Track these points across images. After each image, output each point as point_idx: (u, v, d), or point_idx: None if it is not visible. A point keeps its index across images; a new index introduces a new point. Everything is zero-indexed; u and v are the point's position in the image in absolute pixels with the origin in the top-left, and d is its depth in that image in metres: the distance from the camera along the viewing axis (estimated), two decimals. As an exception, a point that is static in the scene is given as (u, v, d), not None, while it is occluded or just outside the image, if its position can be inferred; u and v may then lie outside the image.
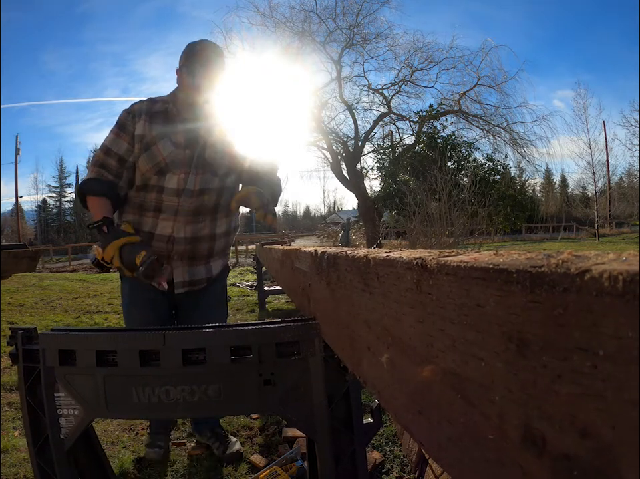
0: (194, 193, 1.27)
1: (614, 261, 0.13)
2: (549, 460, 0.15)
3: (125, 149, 1.26)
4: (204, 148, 1.28)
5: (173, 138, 1.26)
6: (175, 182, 1.25)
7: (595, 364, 0.13)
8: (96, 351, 0.63)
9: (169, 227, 1.27)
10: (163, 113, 1.28)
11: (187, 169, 1.26)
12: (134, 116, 1.27)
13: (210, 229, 1.32)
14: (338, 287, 0.41)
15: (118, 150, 1.27)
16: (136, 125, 1.26)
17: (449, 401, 0.20)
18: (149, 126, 1.26)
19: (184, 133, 1.27)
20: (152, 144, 1.25)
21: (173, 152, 1.25)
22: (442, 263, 0.19)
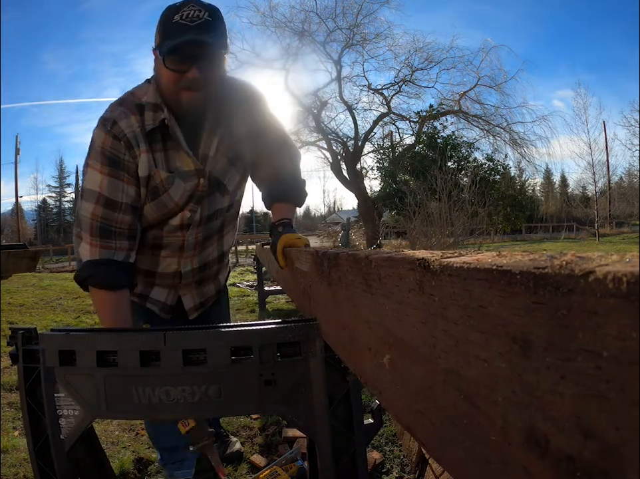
0: (202, 221, 0.99)
1: (617, 263, 0.13)
2: (553, 461, 0.15)
3: (134, 194, 0.89)
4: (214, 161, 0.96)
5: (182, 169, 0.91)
6: (179, 218, 0.96)
7: (598, 366, 0.13)
8: (97, 351, 0.63)
9: (175, 263, 1.02)
10: (160, 130, 0.89)
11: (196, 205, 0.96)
12: (129, 145, 0.87)
13: (218, 250, 1.10)
14: (339, 288, 0.41)
15: (123, 197, 0.87)
16: (137, 160, 0.88)
17: (452, 402, 0.20)
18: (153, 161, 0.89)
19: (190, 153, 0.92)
20: (163, 190, 0.91)
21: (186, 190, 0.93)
22: (444, 264, 0.19)
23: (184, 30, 0.79)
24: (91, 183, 0.87)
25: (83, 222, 0.87)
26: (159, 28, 0.84)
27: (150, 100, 0.89)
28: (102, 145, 0.87)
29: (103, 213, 0.86)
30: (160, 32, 0.84)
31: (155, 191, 0.92)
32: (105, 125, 0.88)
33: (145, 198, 0.92)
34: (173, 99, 0.87)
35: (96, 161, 0.87)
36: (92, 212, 0.86)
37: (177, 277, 1.05)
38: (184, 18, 0.79)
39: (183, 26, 0.79)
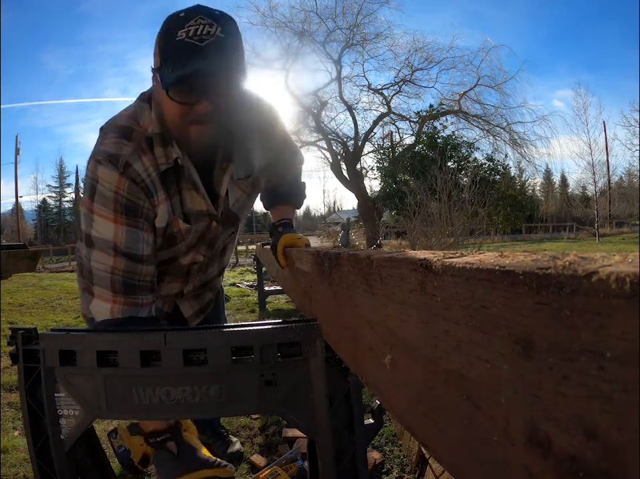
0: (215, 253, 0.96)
1: (620, 263, 0.13)
2: (555, 461, 0.15)
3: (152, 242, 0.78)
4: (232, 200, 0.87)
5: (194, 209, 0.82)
6: (190, 259, 0.90)
7: (601, 366, 0.13)
8: (97, 351, 0.63)
9: (177, 287, 0.97)
10: (173, 171, 0.77)
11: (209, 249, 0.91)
12: (148, 192, 0.75)
13: (219, 266, 1.05)
14: (340, 288, 0.41)
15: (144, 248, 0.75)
16: (156, 210, 0.77)
17: (454, 403, 0.20)
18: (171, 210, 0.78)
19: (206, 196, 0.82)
20: (180, 239, 0.83)
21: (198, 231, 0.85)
22: (447, 265, 0.19)
23: (192, 54, 0.63)
24: (103, 233, 0.72)
25: (98, 276, 0.73)
26: (160, 45, 0.67)
27: (156, 130, 0.75)
28: (116, 189, 0.71)
29: (126, 267, 0.73)
30: (161, 53, 0.66)
31: (171, 240, 0.82)
32: (115, 164, 0.72)
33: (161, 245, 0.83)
34: (179, 132, 0.73)
35: (106, 208, 0.72)
36: (113, 266, 0.72)
37: (179, 295, 1.02)
38: (191, 36, 0.63)
39: (191, 48, 0.63)
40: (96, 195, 0.73)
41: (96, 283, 0.74)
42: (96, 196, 0.73)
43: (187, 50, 0.63)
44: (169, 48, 0.65)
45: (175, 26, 0.65)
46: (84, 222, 0.75)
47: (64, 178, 37.98)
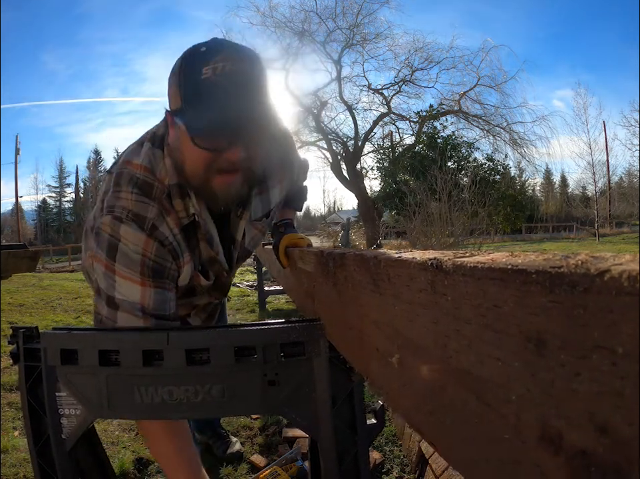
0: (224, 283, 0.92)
1: (631, 262, 0.13)
2: (566, 457, 0.15)
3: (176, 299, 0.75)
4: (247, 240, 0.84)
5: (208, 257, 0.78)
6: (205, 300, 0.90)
7: (613, 362, 0.13)
8: (99, 350, 0.63)
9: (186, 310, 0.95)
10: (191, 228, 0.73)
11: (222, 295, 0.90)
12: (174, 254, 0.71)
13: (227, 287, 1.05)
14: (345, 288, 0.41)
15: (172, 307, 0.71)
16: (181, 271, 0.73)
17: (463, 402, 0.20)
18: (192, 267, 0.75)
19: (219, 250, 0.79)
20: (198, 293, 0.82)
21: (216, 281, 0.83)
22: (458, 264, 0.19)
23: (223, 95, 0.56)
24: (129, 295, 0.67)
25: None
26: (180, 84, 0.59)
27: (173, 181, 0.69)
28: (144, 252, 0.66)
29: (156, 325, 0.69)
30: (184, 92, 0.59)
31: (190, 291, 0.80)
32: (139, 224, 0.66)
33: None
34: (200, 184, 0.66)
35: (131, 270, 0.66)
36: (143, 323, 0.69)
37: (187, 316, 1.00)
38: (219, 73, 0.56)
39: (221, 88, 0.56)
40: (118, 255, 0.66)
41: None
42: (118, 256, 0.66)
43: (216, 90, 0.57)
44: (194, 88, 0.58)
45: (198, 64, 0.58)
46: (104, 281, 0.68)
47: (64, 178, 37.97)
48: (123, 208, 0.68)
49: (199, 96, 0.58)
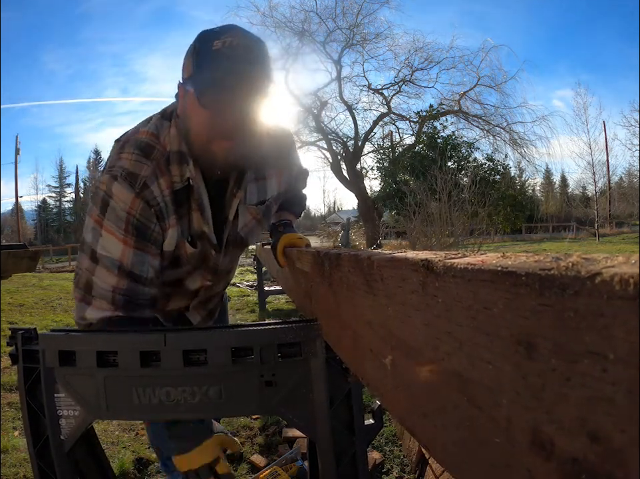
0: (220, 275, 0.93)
1: (624, 264, 0.13)
2: (558, 463, 0.15)
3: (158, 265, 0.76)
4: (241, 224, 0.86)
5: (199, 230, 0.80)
6: (198, 284, 0.89)
7: (604, 368, 0.13)
8: (97, 352, 0.63)
9: (184, 302, 0.97)
10: (184, 192, 0.76)
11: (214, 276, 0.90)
12: (160, 216, 0.73)
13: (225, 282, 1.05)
14: (340, 288, 0.41)
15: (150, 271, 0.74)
16: (165, 234, 0.75)
17: (455, 404, 0.20)
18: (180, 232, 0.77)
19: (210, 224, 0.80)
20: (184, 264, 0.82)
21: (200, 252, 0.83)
22: (448, 265, 0.19)
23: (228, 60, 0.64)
24: (109, 251, 0.71)
25: (98, 291, 0.72)
26: (192, 57, 0.68)
27: (174, 148, 0.74)
28: (129, 209, 0.70)
29: (128, 287, 0.71)
30: (196, 61, 0.67)
31: (176, 261, 0.81)
32: (131, 183, 0.70)
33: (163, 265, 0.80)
34: (202, 148, 0.71)
35: (116, 226, 0.70)
36: (115, 285, 0.71)
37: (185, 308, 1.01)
38: (227, 45, 0.64)
39: (227, 55, 0.64)
40: (108, 211, 0.71)
41: (96, 295, 0.73)
42: (108, 212, 0.71)
43: (223, 57, 0.64)
44: (205, 56, 0.66)
45: (209, 38, 0.66)
46: (90, 235, 0.72)
47: (64, 178, 38.03)
48: (121, 167, 0.72)
49: (208, 63, 0.65)
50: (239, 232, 0.87)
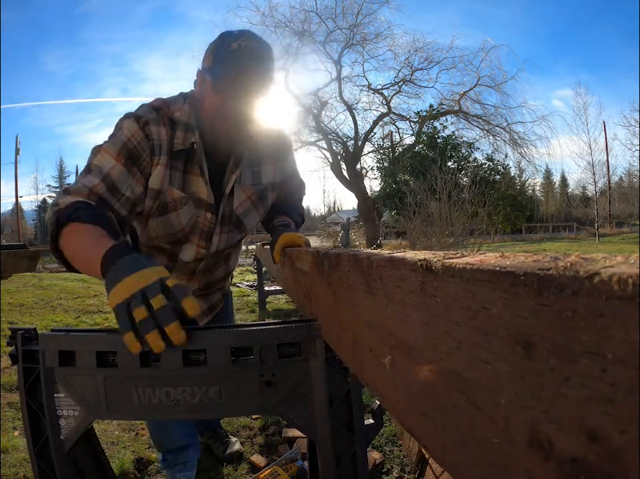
0: (216, 254, 0.99)
1: (622, 264, 0.13)
2: (556, 463, 0.15)
3: (139, 194, 0.83)
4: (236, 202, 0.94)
5: (196, 196, 0.89)
6: (193, 254, 0.95)
7: (604, 368, 0.13)
8: (96, 352, 0.63)
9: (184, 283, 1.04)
10: (185, 153, 0.86)
11: (208, 242, 0.94)
12: (153, 150, 0.83)
13: (225, 269, 1.11)
14: (340, 288, 0.41)
15: (127, 190, 0.81)
16: (153, 168, 0.84)
17: (454, 404, 0.20)
18: (168, 179, 0.85)
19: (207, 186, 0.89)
20: (172, 209, 0.88)
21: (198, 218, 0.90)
22: (447, 265, 0.19)
23: (241, 59, 0.80)
24: (101, 163, 0.80)
25: (77, 188, 0.77)
26: (212, 51, 0.83)
27: (183, 118, 0.86)
28: (130, 136, 0.82)
29: (104, 193, 0.78)
30: (214, 56, 0.82)
31: (164, 208, 0.88)
32: (138, 120, 0.83)
33: (151, 210, 0.88)
34: (209, 126, 0.86)
35: (114, 147, 0.81)
36: (94, 186, 0.77)
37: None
38: (242, 47, 0.80)
39: (240, 55, 0.80)
40: (112, 139, 0.82)
41: (72, 191, 0.77)
42: (112, 140, 0.82)
43: (237, 56, 0.80)
44: (222, 52, 0.81)
45: (229, 39, 0.82)
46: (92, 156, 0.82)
47: (64, 178, 38.01)
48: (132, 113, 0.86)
49: (225, 59, 0.81)
50: (235, 210, 0.95)
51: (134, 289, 0.54)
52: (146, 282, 0.55)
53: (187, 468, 1.25)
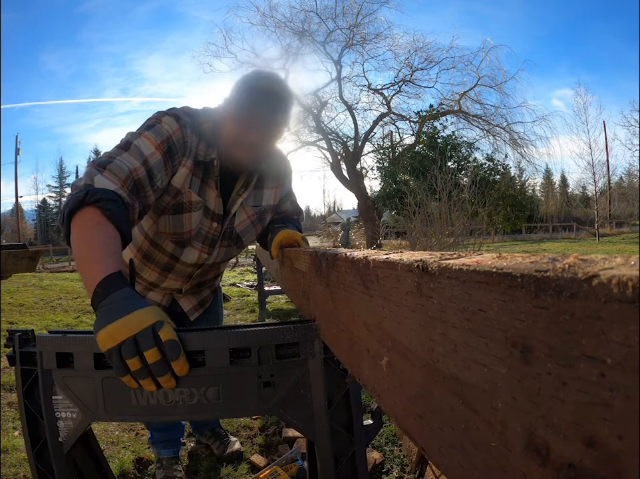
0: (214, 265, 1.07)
1: (622, 266, 0.13)
2: (553, 468, 0.14)
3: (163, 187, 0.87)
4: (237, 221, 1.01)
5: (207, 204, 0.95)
6: (195, 258, 1.00)
7: (602, 373, 0.12)
8: (94, 354, 0.62)
9: (178, 285, 1.09)
10: (204, 165, 0.92)
11: (211, 248, 1.00)
12: (184, 151, 0.89)
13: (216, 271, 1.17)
14: (337, 289, 0.41)
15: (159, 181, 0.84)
16: (180, 168, 0.89)
17: (450, 406, 0.20)
18: (189, 182, 0.91)
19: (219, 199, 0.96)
20: (187, 210, 0.92)
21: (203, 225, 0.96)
22: (443, 266, 0.19)
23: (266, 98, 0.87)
24: (143, 147, 0.81)
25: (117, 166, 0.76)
26: (242, 85, 0.90)
27: (208, 133, 0.93)
28: (172, 134, 0.86)
29: (143, 178, 0.79)
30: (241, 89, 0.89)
31: (179, 207, 0.92)
32: (178, 120, 0.88)
33: (167, 207, 0.91)
34: (224, 148, 0.91)
35: (156, 137, 0.84)
36: (136, 168, 0.78)
37: (178, 291, 1.13)
38: (271, 89, 0.88)
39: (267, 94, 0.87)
40: (152, 129, 0.85)
41: (111, 169, 0.75)
42: (152, 130, 0.85)
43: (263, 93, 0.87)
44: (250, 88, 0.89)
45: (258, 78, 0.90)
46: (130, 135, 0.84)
47: (64, 178, 38.03)
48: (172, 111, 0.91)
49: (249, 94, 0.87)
50: (235, 228, 1.02)
51: (125, 335, 0.53)
52: (137, 328, 0.54)
53: (171, 445, 1.38)
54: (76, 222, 0.68)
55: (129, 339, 0.53)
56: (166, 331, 0.55)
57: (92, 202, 0.67)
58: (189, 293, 1.15)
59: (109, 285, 0.59)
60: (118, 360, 0.54)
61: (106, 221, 0.67)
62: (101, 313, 0.57)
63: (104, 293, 0.58)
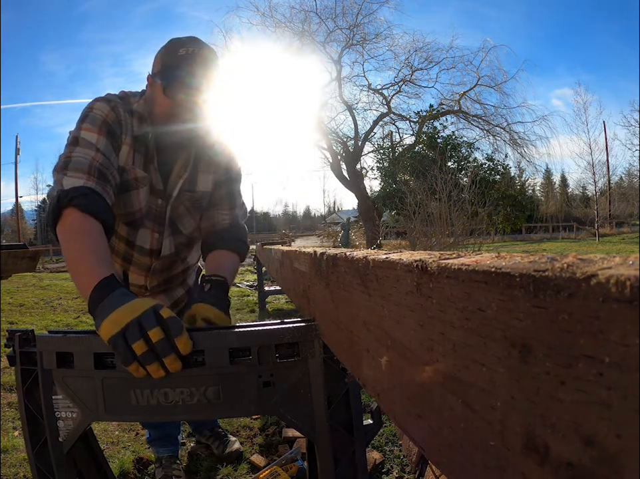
0: (170, 256, 1.05)
1: (620, 265, 0.13)
2: (552, 468, 0.14)
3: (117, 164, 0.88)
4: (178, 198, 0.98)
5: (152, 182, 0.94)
6: (148, 242, 0.99)
7: (600, 372, 0.12)
8: (94, 353, 0.62)
9: (142, 280, 1.07)
10: (143, 139, 0.91)
11: (161, 227, 0.99)
12: (121, 130, 0.89)
13: (184, 265, 1.14)
14: (337, 288, 0.41)
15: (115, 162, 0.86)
16: (121, 146, 0.89)
17: (449, 406, 0.20)
18: (132, 159, 0.90)
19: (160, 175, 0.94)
20: (133, 187, 0.92)
21: (150, 202, 0.95)
22: (442, 266, 0.19)
23: (188, 63, 0.85)
24: (88, 138, 0.83)
25: (76, 162, 0.80)
26: (162, 57, 0.89)
27: (139, 109, 0.92)
28: (106, 116, 0.87)
29: (103, 161, 0.82)
30: (162, 61, 0.88)
31: (126, 185, 0.91)
32: (109, 102, 0.89)
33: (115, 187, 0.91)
34: (160, 126, 0.91)
35: (93, 124, 0.85)
36: (93, 156, 0.81)
37: (144, 289, 1.10)
38: (189, 53, 0.86)
39: (187, 60, 0.85)
40: (87, 119, 0.86)
41: (72, 168, 0.80)
42: (87, 119, 0.86)
43: (184, 61, 0.86)
44: (170, 58, 0.88)
45: (176, 45, 0.88)
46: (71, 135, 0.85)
47: (64, 178, 37.90)
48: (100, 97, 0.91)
49: (173, 64, 0.86)
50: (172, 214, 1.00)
51: (129, 318, 0.57)
52: (139, 311, 0.57)
53: (169, 443, 1.38)
54: (60, 231, 0.74)
55: (133, 321, 0.56)
56: (167, 310, 0.59)
57: (66, 204, 0.74)
58: (157, 291, 1.11)
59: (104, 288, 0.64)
60: (123, 346, 0.56)
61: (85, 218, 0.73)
62: (100, 309, 0.61)
63: (100, 296, 0.63)
